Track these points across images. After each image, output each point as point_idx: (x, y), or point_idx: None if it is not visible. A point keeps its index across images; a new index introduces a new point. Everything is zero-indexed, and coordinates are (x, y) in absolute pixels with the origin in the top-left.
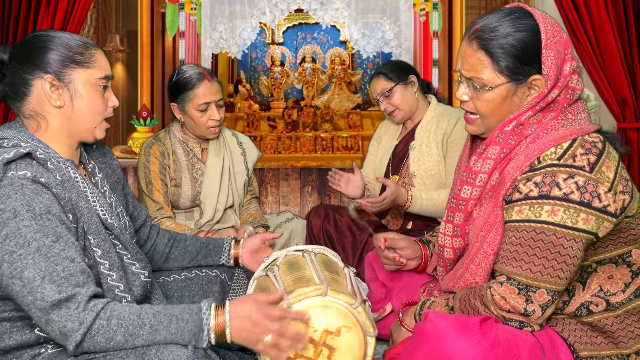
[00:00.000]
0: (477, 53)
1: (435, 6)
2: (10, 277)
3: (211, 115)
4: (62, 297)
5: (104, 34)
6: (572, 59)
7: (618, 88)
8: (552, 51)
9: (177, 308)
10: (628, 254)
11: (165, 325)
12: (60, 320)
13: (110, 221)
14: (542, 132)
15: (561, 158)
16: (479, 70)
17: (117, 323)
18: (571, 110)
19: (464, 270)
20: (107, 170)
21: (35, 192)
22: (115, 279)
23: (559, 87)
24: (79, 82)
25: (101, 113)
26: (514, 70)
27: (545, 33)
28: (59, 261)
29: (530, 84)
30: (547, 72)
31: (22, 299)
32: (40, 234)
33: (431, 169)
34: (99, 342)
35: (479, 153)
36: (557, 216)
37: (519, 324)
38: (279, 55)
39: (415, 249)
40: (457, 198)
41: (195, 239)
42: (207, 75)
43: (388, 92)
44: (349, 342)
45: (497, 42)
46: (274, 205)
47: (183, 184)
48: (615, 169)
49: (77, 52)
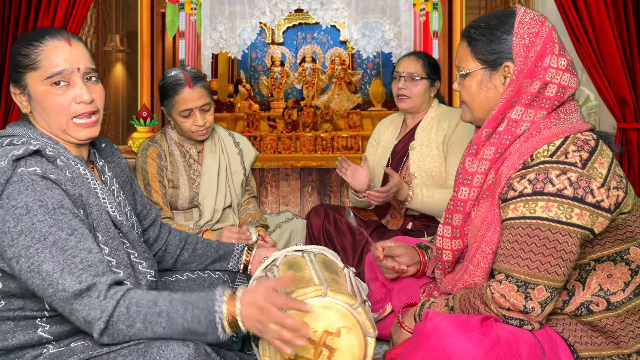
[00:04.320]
0: (462, 42)
1: (435, 6)
2: (29, 271)
3: (194, 120)
4: (83, 287)
5: (104, 34)
6: (559, 55)
7: (618, 88)
8: (522, 39)
9: (192, 296)
10: (626, 251)
11: (181, 314)
12: (84, 308)
13: (119, 219)
14: (535, 131)
15: (553, 155)
16: (462, 59)
17: (136, 310)
18: (564, 110)
19: (463, 271)
20: (116, 169)
21: (45, 187)
22: (122, 277)
23: (539, 79)
24: (31, 85)
25: (63, 113)
26: (486, 56)
27: (519, 23)
28: (77, 253)
29: (504, 71)
30: (515, 58)
31: (43, 292)
32: (55, 228)
33: (431, 170)
34: (121, 329)
35: (473, 154)
36: (551, 212)
37: (519, 322)
38: (279, 55)
39: (413, 256)
40: (454, 200)
41: (206, 242)
42: (188, 81)
43: (416, 78)
44: (349, 343)
45: (475, 31)
46: (274, 205)
47: (180, 185)
48: (609, 166)
49: (23, 54)
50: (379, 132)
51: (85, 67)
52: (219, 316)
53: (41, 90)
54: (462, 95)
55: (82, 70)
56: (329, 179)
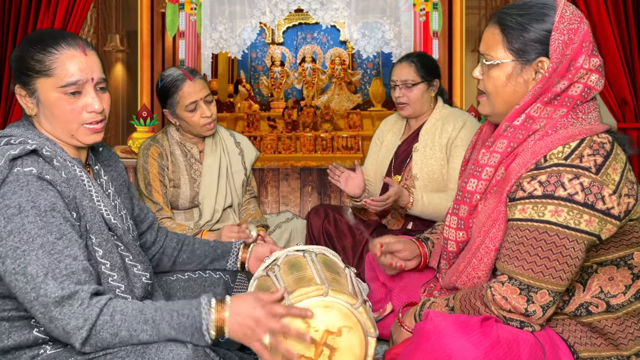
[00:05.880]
0: (493, 29)
1: (435, 6)
2: (14, 273)
3: (202, 112)
4: (65, 293)
5: (104, 34)
6: (591, 55)
7: (618, 88)
8: (561, 35)
9: (177, 303)
10: (630, 256)
11: (167, 320)
12: (64, 317)
13: (113, 221)
14: (550, 130)
15: (568, 158)
16: (490, 46)
17: (120, 318)
18: (582, 109)
19: (466, 264)
20: (113, 173)
21: (40, 188)
22: (116, 280)
23: (568, 79)
24: (41, 90)
25: (74, 120)
26: (521, 49)
27: (560, 17)
28: (62, 258)
29: (537, 66)
30: (552, 55)
31: (25, 296)
32: (44, 231)
33: (434, 172)
34: (105, 337)
35: (487, 146)
36: (560, 217)
37: (520, 323)
38: (279, 55)
39: (413, 249)
40: (462, 191)
41: (203, 242)
42: (188, 75)
43: (411, 84)
44: (349, 342)
45: (511, 19)
46: (274, 205)
47: (182, 185)
48: (622, 172)
49: (36, 60)
50: (383, 131)
51: (98, 78)
52: (207, 324)
53: (53, 97)
54: (486, 86)
55: (95, 80)
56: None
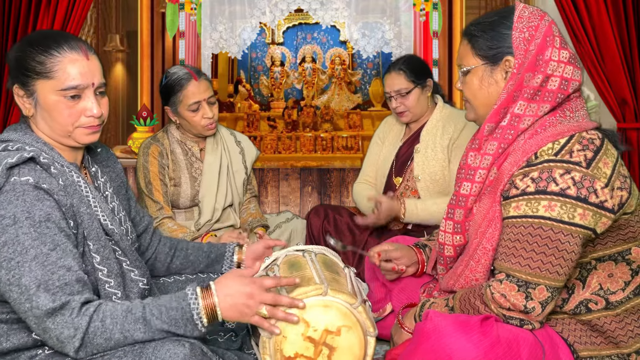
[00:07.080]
0: (463, 42)
1: (435, 6)
2: (8, 284)
3: (204, 113)
4: (57, 305)
5: (104, 34)
6: (561, 47)
7: (618, 88)
8: (521, 33)
9: (164, 298)
10: (627, 251)
11: (157, 316)
12: (57, 327)
13: (110, 227)
14: (540, 129)
15: (558, 154)
16: (463, 57)
17: (111, 322)
18: (569, 107)
19: (463, 267)
20: (111, 174)
21: (36, 198)
22: (113, 286)
23: (541, 72)
24: (41, 92)
25: (71, 123)
26: (487, 52)
27: (519, 17)
28: (55, 269)
29: (505, 65)
30: (515, 51)
31: (19, 306)
32: (38, 242)
33: (436, 174)
34: (99, 343)
35: (476, 149)
36: (554, 211)
37: (519, 321)
38: (279, 55)
39: (411, 256)
40: (456, 195)
41: (197, 247)
42: (193, 75)
43: (405, 93)
44: (349, 342)
45: (475, 28)
46: (274, 205)
47: (182, 184)
48: (613, 166)
49: (38, 61)
50: (384, 131)
51: (99, 82)
52: (197, 312)
53: (52, 99)
54: (465, 93)
55: (95, 85)
56: (329, 179)
